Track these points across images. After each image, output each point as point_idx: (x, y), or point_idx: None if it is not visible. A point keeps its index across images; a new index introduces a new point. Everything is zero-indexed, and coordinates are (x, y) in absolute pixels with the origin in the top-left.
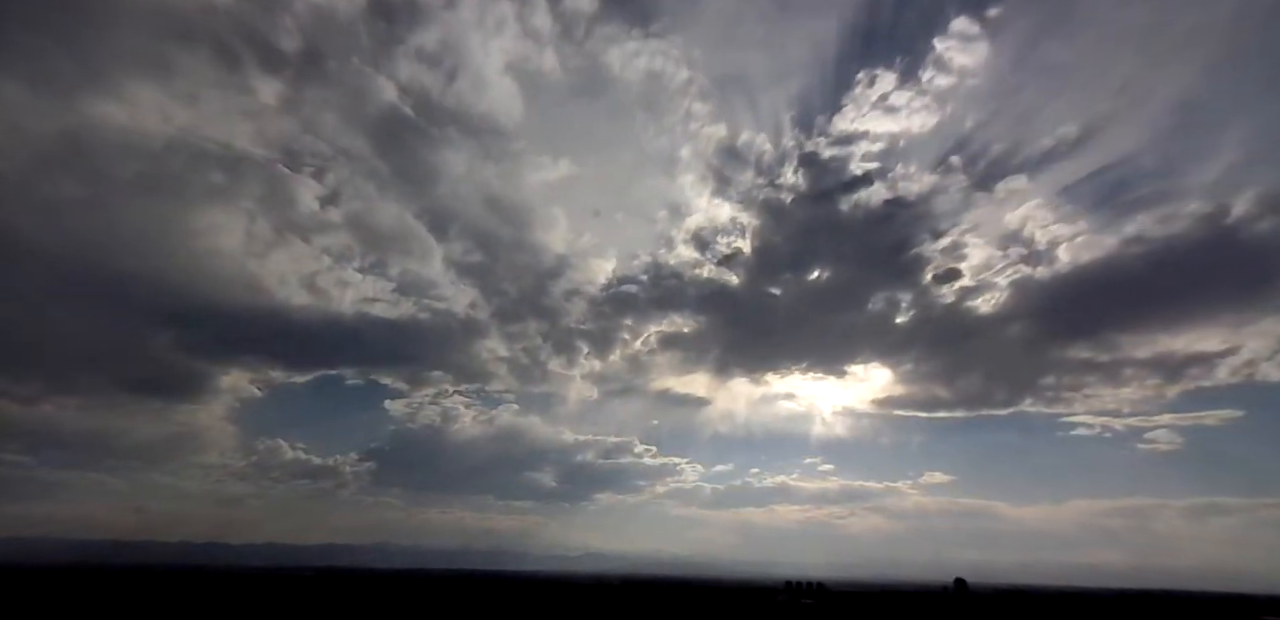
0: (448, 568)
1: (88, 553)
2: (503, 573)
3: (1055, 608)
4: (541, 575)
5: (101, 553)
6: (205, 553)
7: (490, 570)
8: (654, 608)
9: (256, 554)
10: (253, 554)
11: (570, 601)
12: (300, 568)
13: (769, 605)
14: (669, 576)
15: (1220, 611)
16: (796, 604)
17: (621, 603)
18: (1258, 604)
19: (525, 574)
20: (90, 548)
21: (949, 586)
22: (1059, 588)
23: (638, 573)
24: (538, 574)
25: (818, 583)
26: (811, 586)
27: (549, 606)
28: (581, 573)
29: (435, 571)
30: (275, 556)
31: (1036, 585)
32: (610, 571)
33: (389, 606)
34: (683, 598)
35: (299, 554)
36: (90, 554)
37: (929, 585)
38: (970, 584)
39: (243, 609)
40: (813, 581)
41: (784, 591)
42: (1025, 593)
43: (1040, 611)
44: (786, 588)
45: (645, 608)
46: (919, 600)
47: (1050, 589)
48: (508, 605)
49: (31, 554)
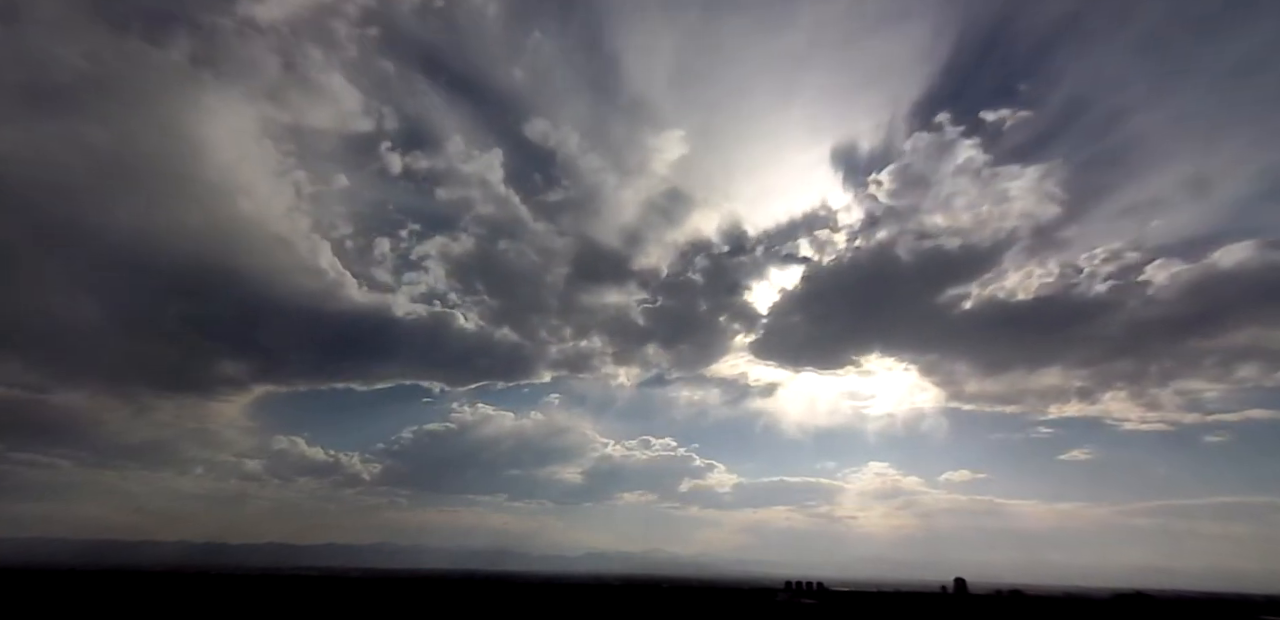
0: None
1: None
2: (537, 574)
3: (1053, 608)
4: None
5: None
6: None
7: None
8: (655, 608)
9: (316, 554)
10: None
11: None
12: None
13: (769, 605)
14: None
15: (1220, 612)
16: (797, 603)
17: (624, 602)
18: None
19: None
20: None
21: (946, 586)
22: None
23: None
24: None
25: (818, 582)
26: (811, 586)
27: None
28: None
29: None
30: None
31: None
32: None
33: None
34: (684, 598)
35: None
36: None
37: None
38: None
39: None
40: (812, 581)
41: (784, 591)
42: (1021, 593)
43: (1040, 611)
44: (786, 587)
45: (646, 607)
46: (919, 600)
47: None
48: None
49: (33, 554)
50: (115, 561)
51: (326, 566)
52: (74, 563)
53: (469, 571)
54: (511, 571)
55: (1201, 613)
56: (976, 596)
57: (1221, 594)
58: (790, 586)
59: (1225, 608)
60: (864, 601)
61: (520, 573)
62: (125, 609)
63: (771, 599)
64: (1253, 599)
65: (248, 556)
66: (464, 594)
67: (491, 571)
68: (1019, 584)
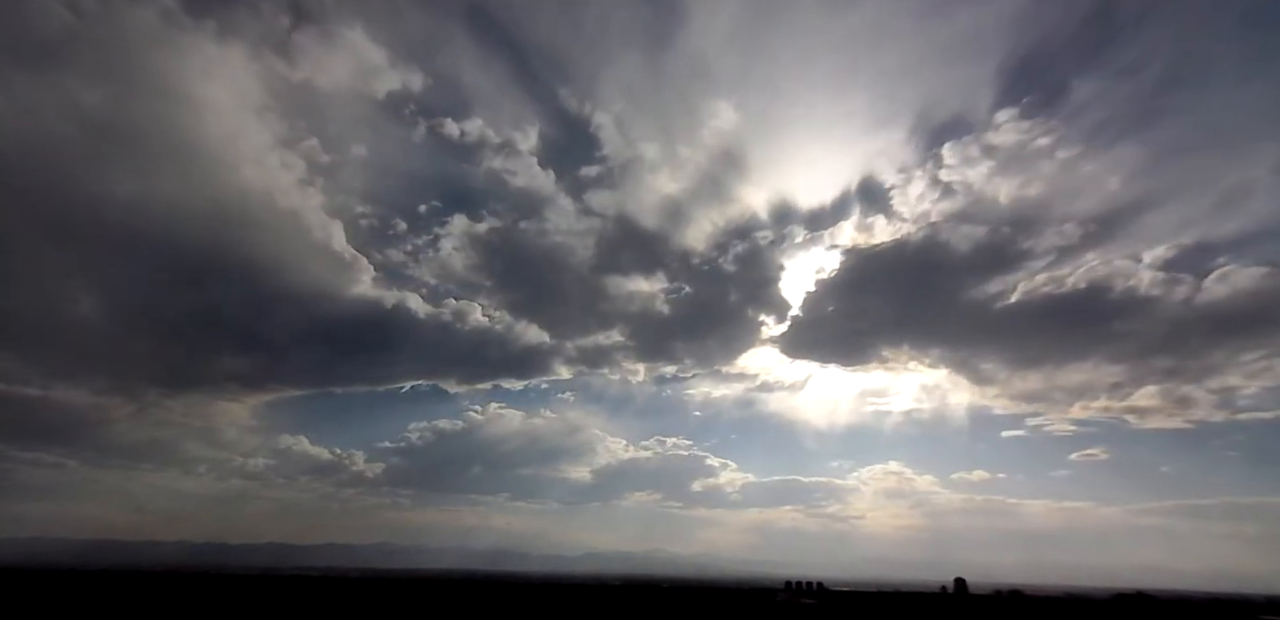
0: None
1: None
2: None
3: (1051, 608)
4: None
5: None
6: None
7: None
8: (655, 608)
9: (316, 554)
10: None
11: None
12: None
13: (769, 605)
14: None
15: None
16: (797, 603)
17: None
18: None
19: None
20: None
21: (947, 586)
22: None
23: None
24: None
25: (818, 582)
26: (811, 586)
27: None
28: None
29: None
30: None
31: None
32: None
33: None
34: (684, 598)
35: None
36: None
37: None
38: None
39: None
40: (812, 581)
41: (784, 590)
42: (1021, 593)
43: (1038, 611)
44: (787, 587)
45: (646, 608)
46: (919, 600)
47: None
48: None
49: (33, 554)
50: (115, 561)
51: (327, 566)
52: (74, 563)
53: (469, 571)
54: (511, 572)
55: (1201, 613)
56: (976, 596)
57: (1225, 594)
58: (790, 586)
59: (1225, 608)
60: (864, 601)
61: (520, 573)
62: (125, 609)
63: (771, 599)
64: (1253, 599)
65: (248, 556)
66: (463, 594)
67: (491, 572)
68: (1024, 584)
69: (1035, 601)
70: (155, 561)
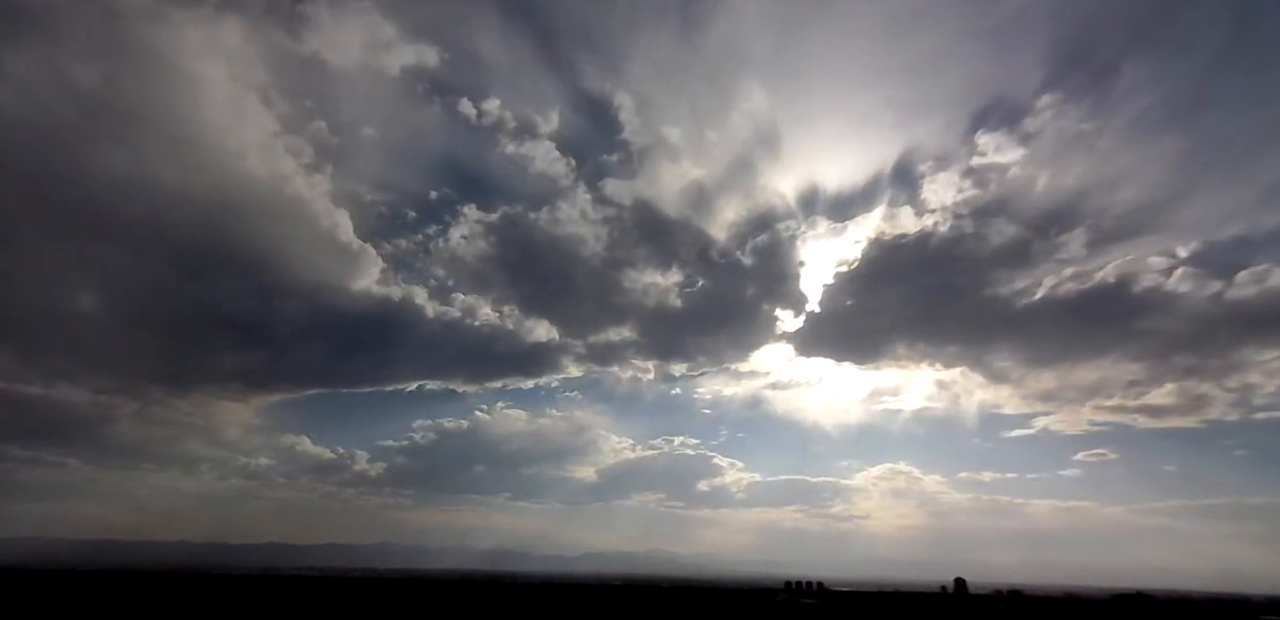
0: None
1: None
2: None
3: (1049, 607)
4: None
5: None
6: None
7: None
8: (655, 608)
9: (316, 554)
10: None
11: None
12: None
13: (769, 605)
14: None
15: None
16: (797, 603)
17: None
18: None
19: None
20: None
21: (947, 586)
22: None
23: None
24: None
25: (818, 582)
26: (812, 586)
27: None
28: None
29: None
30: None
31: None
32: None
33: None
34: (684, 598)
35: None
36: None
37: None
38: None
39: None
40: (813, 581)
41: (784, 590)
42: (1020, 593)
43: (1036, 611)
44: (787, 587)
45: (646, 608)
46: (918, 600)
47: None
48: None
49: (33, 554)
50: (115, 561)
51: (327, 566)
52: (74, 563)
53: (469, 572)
54: (511, 572)
55: (1200, 613)
56: (975, 596)
57: (1228, 595)
58: (790, 586)
59: (1225, 608)
60: (864, 601)
61: (520, 573)
62: (125, 609)
63: (771, 599)
64: (1253, 599)
65: (248, 556)
66: (463, 594)
67: (491, 572)
68: (1026, 584)
69: (1033, 601)
70: (155, 561)
